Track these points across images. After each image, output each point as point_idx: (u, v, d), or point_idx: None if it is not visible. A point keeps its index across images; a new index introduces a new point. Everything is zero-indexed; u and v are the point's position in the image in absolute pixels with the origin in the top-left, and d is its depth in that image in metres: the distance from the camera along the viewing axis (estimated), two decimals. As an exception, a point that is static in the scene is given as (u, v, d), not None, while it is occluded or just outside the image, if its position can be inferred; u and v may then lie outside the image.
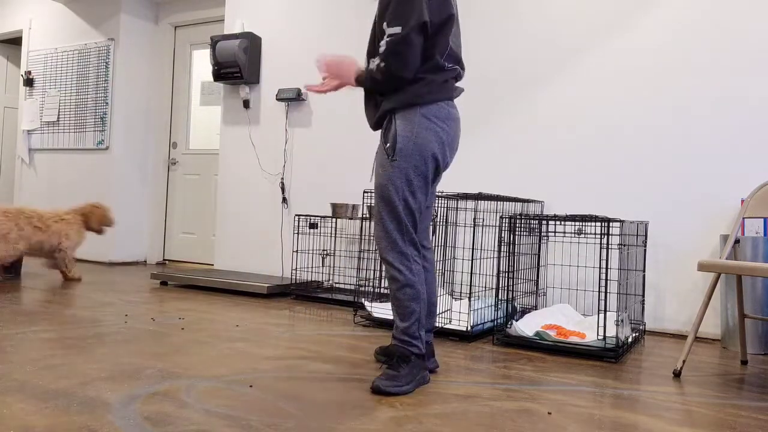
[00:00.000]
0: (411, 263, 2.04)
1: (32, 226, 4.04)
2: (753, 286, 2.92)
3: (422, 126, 2.04)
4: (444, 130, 2.08)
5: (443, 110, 2.09)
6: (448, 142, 2.10)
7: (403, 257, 2.04)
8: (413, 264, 2.04)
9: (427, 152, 2.04)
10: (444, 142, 2.08)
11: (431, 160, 2.06)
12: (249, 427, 1.57)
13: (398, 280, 2.03)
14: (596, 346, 2.63)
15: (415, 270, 2.04)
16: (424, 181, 2.07)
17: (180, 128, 5.87)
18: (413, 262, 2.05)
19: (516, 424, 1.71)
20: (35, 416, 1.58)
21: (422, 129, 2.04)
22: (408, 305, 2.03)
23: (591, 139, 3.58)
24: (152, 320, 3.00)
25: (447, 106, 2.11)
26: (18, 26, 6.46)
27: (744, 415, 1.91)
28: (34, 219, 4.07)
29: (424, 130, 2.04)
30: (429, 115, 2.05)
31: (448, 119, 2.10)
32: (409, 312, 2.03)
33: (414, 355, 2.04)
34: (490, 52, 3.90)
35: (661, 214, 3.37)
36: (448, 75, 2.12)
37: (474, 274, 3.73)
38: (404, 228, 2.04)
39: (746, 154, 3.18)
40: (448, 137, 2.10)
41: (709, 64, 3.29)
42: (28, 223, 4.03)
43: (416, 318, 2.04)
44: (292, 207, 4.69)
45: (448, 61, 2.12)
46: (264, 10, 4.89)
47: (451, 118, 2.12)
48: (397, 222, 2.04)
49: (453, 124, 2.13)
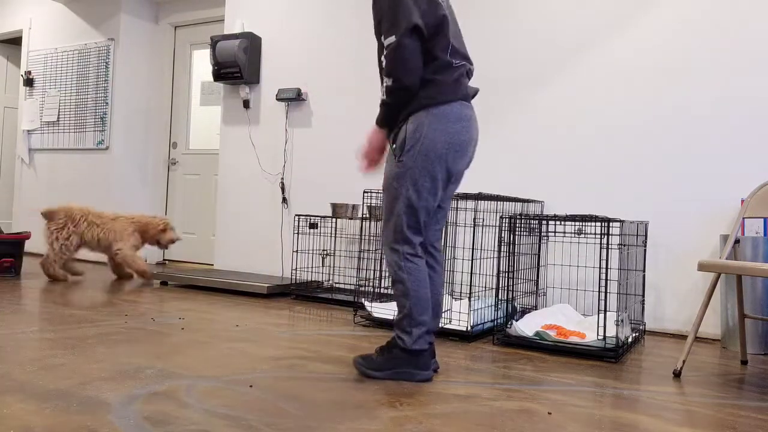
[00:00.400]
0: (401, 260, 2.08)
1: (89, 223, 4.42)
2: (753, 286, 2.92)
3: (431, 127, 2.04)
4: (456, 131, 2.06)
5: (455, 110, 2.06)
6: (459, 143, 2.07)
7: (395, 254, 2.09)
8: (404, 261, 2.07)
9: (433, 153, 2.04)
10: (453, 143, 2.06)
11: (439, 161, 2.05)
12: (249, 427, 1.57)
13: (391, 275, 2.12)
14: (596, 346, 2.63)
15: (406, 267, 2.07)
16: (432, 182, 2.06)
17: (180, 128, 5.87)
18: (404, 259, 2.07)
19: (516, 424, 1.71)
20: (35, 416, 1.58)
21: (431, 130, 2.04)
22: (399, 300, 2.11)
23: (591, 139, 3.58)
24: (152, 320, 3.00)
25: (460, 107, 2.08)
26: (18, 26, 6.46)
27: (744, 415, 1.91)
28: (91, 216, 4.46)
29: (432, 131, 2.04)
30: (439, 116, 2.04)
31: (461, 119, 2.07)
32: (400, 306, 2.11)
33: (398, 348, 2.10)
34: (489, 52, 3.90)
35: (661, 214, 3.37)
36: (458, 72, 2.10)
37: (474, 274, 3.73)
38: (401, 226, 2.07)
39: (746, 154, 3.18)
40: (459, 138, 2.07)
41: (709, 64, 3.29)
42: (85, 221, 4.40)
43: (405, 314, 2.09)
44: (292, 207, 4.69)
45: (455, 58, 2.10)
46: (264, 10, 4.89)
47: (464, 118, 2.08)
48: (396, 219, 2.08)
49: (466, 124, 2.09)
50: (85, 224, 4.36)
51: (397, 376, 2.11)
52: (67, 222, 4.33)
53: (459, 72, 2.11)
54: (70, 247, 4.32)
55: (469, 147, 2.12)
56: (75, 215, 4.37)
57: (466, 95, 2.13)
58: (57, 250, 4.27)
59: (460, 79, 2.11)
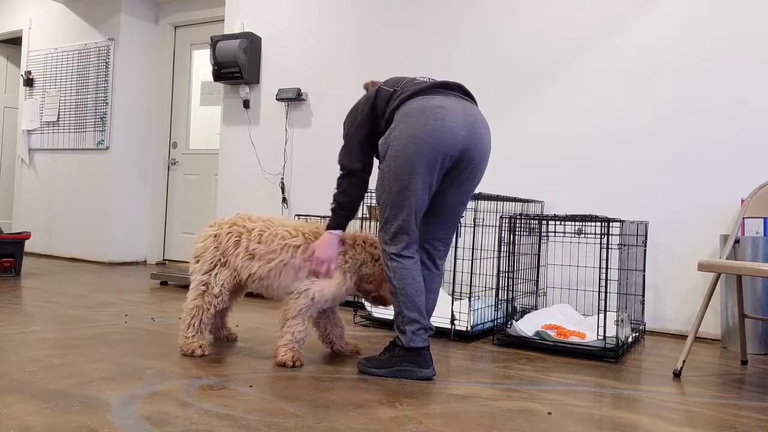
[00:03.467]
0: (387, 260, 2.16)
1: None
2: (753, 286, 2.92)
3: (397, 128, 2.10)
4: (420, 124, 2.05)
5: (415, 105, 2.10)
6: (428, 132, 2.04)
7: (383, 254, 2.18)
8: (389, 261, 2.15)
9: (403, 151, 2.07)
10: (420, 136, 2.04)
11: (411, 157, 2.05)
12: (249, 427, 1.57)
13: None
14: (596, 346, 2.63)
15: (391, 267, 2.14)
16: (410, 180, 2.08)
17: (180, 128, 5.87)
18: (390, 259, 2.15)
19: (516, 424, 1.71)
20: (35, 416, 1.58)
21: (396, 131, 2.10)
22: (393, 299, 2.18)
23: (591, 139, 3.58)
24: (152, 320, 3.00)
25: (420, 100, 2.11)
26: (18, 26, 6.46)
27: (744, 415, 1.91)
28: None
29: (398, 131, 2.09)
30: (402, 116, 2.11)
31: (423, 111, 2.07)
32: (394, 305, 2.17)
33: (398, 347, 2.13)
34: (489, 52, 3.90)
35: (661, 214, 3.37)
36: (400, 92, 2.21)
37: (474, 274, 3.73)
38: (388, 227, 2.15)
39: (746, 154, 3.18)
40: (426, 128, 2.04)
41: (710, 64, 3.29)
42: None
43: (396, 312, 2.15)
44: (292, 207, 4.69)
45: (393, 95, 2.23)
46: (264, 10, 4.89)
47: (428, 108, 2.08)
48: (383, 222, 2.17)
49: (432, 113, 2.06)
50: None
51: (398, 374, 2.12)
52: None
53: (402, 88, 2.21)
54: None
55: (444, 133, 2.05)
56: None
57: (425, 89, 2.14)
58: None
59: (409, 86, 2.18)
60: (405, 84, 2.23)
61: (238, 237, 2.30)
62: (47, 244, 6.03)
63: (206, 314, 2.30)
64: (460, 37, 3.98)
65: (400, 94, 2.18)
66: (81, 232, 5.80)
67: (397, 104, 2.15)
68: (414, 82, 2.22)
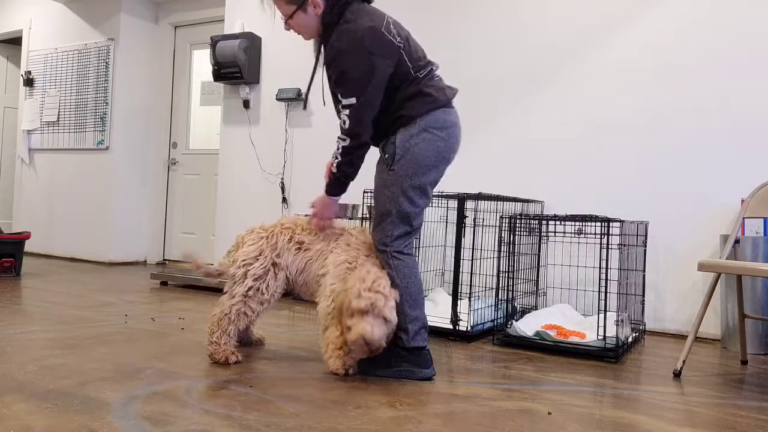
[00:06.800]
0: (389, 259, 2.14)
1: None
2: (753, 286, 2.92)
3: (420, 137, 2.11)
4: (443, 140, 2.13)
5: (440, 118, 2.13)
6: (446, 150, 2.15)
7: (383, 254, 2.16)
8: (391, 259, 2.14)
9: (423, 161, 2.11)
10: (441, 152, 2.14)
11: (428, 169, 2.12)
12: (249, 427, 1.57)
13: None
14: (596, 346, 2.63)
15: (393, 265, 2.14)
16: (422, 188, 2.13)
17: (180, 128, 5.87)
18: (392, 257, 2.14)
19: (516, 424, 1.71)
20: (35, 416, 1.58)
21: (420, 140, 2.11)
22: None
23: (591, 139, 3.58)
24: (152, 320, 3.00)
25: (444, 114, 2.15)
26: (18, 26, 6.46)
27: (744, 415, 1.91)
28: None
29: (422, 141, 2.11)
30: (428, 127, 2.12)
31: (446, 126, 2.15)
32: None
33: (400, 347, 2.13)
34: (489, 52, 3.90)
35: (661, 214, 3.37)
36: (430, 80, 2.16)
37: (474, 274, 3.73)
38: (392, 230, 2.13)
39: (746, 154, 3.18)
40: (447, 145, 2.15)
41: (709, 64, 3.29)
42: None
43: (398, 311, 2.12)
44: (292, 207, 4.69)
45: (419, 71, 2.15)
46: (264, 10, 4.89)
47: (449, 125, 2.16)
48: (385, 224, 2.14)
49: (453, 130, 2.17)
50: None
51: (399, 374, 2.12)
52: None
53: (429, 78, 2.16)
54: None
55: (453, 153, 2.20)
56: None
57: (448, 100, 2.18)
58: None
59: (437, 86, 2.17)
60: (427, 69, 2.16)
61: (291, 233, 2.40)
62: (47, 244, 6.03)
63: (244, 321, 2.28)
64: (460, 37, 3.98)
65: (424, 87, 2.14)
66: (81, 232, 5.80)
67: (423, 108, 2.12)
68: (434, 74, 2.19)
